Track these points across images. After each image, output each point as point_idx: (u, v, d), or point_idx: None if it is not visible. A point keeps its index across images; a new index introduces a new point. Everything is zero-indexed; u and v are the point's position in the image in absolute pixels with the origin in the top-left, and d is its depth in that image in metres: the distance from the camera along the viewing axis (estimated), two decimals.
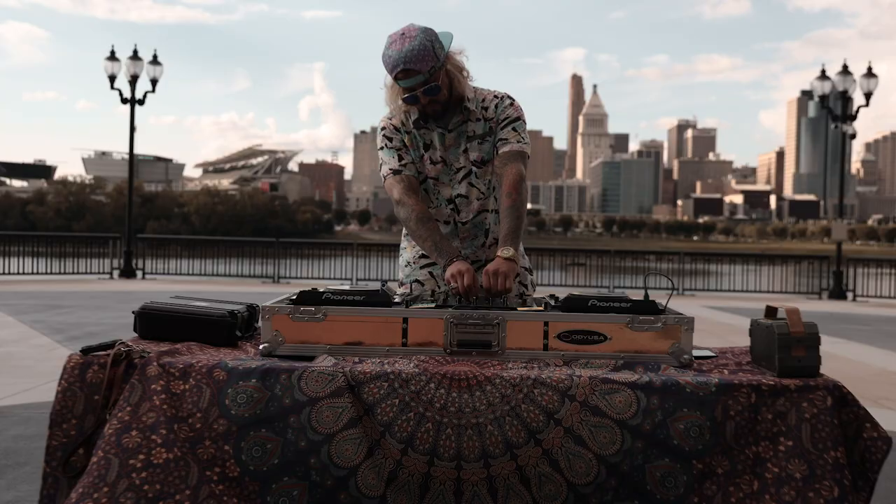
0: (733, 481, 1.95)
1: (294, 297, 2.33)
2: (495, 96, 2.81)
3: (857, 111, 19.17)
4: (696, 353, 2.38)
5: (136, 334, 2.37)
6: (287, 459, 1.94)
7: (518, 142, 2.76)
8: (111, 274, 19.93)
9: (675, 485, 1.93)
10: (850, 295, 19.32)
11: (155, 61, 21.43)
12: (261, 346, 2.21)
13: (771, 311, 2.19)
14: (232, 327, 2.38)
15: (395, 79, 2.62)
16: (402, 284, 2.93)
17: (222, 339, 2.34)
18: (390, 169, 2.77)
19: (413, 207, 2.69)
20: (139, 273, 20.28)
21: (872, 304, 17.93)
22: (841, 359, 8.48)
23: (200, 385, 1.99)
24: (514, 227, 2.62)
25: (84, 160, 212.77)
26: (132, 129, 21.59)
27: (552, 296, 2.64)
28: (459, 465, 1.94)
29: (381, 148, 2.81)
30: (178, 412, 1.96)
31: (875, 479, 1.98)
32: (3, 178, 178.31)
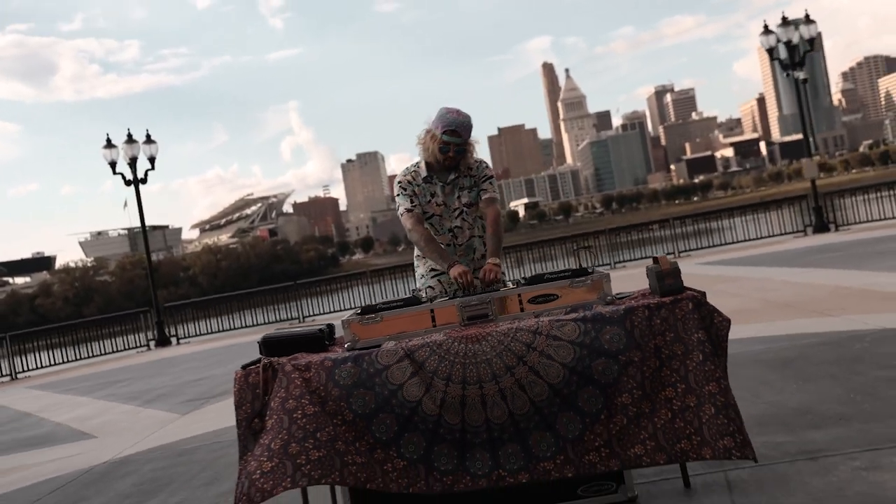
0: (645, 364, 3.23)
1: (359, 311, 3.62)
2: (475, 161, 4.24)
3: (804, 57, 20.48)
4: (622, 293, 3.67)
5: (260, 356, 3.66)
6: (379, 403, 3.23)
7: (493, 192, 4.24)
8: (148, 345, 21.19)
9: (611, 372, 3.22)
10: (832, 227, 20.56)
11: (149, 140, 22.80)
12: (346, 345, 3.50)
13: (656, 260, 3.46)
14: (322, 339, 3.67)
15: (444, 133, 4.05)
16: (419, 290, 4.25)
17: (318, 347, 3.64)
18: (405, 208, 4.18)
19: (422, 233, 4.12)
20: (173, 340, 21.57)
21: (853, 231, 19.16)
22: (804, 284, 9.75)
23: (319, 371, 3.28)
24: (496, 247, 4.11)
25: (81, 244, 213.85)
26: (140, 209, 22.96)
27: (523, 277, 3.95)
28: (481, 385, 3.23)
29: (398, 194, 4.24)
30: (309, 387, 3.26)
31: (726, 347, 3.26)
32: (6, 279, 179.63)
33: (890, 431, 3.65)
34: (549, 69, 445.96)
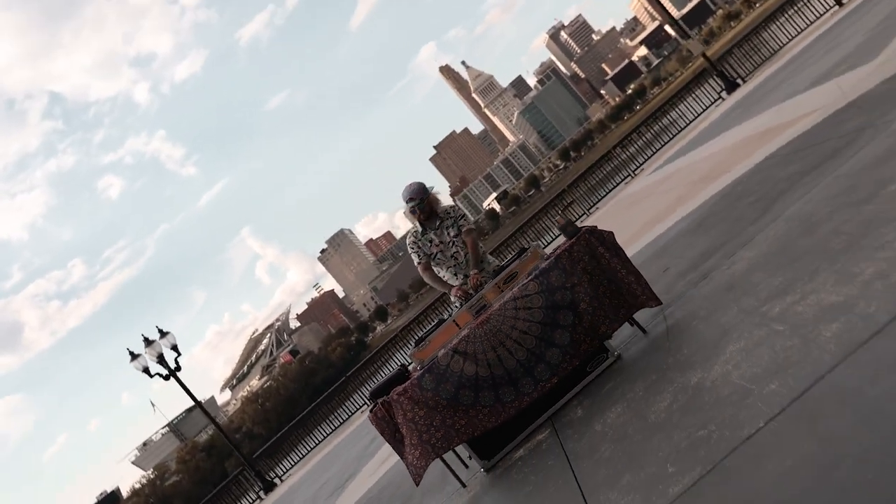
0: (581, 282, 5.24)
1: (415, 343, 5.61)
2: (451, 206, 6.36)
3: None
4: (550, 249, 5.68)
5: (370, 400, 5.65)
6: (456, 387, 5.23)
7: (469, 224, 6.29)
8: (258, 496, 22.86)
9: (567, 297, 5.23)
10: (740, 81, 22.50)
11: (162, 334, 24.73)
12: (417, 367, 5.50)
13: (561, 222, 5.47)
14: (404, 374, 5.67)
15: (407, 203, 6.18)
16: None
17: (403, 380, 5.63)
18: (416, 262, 6.31)
19: (429, 276, 6.27)
20: (276, 480, 23.26)
21: (756, 76, 21.05)
22: (716, 153, 11.75)
23: (413, 389, 5.28)
24: (475, 261, 6.15)
25: (134, 462, 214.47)
26: (187, 390, 24.87)
27: (495, 268, 5.98)
28: (503, 345, 5.23)
29: (412, 254, 6.33)
30: (413, 401, 5.26)
31: (618, 245, 5.27)
32: None
33: (742, 238, 5.68)
34: (448, 70, 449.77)
